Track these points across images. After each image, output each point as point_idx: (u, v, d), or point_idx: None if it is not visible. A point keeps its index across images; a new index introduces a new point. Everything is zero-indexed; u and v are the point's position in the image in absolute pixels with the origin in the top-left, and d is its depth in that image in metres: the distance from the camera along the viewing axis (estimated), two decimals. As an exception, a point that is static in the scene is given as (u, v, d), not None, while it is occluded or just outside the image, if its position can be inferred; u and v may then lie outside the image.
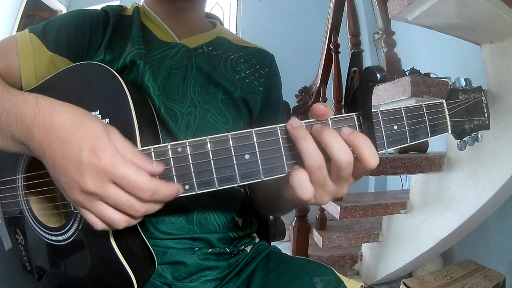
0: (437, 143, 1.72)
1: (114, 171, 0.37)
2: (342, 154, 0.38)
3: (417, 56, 2.39)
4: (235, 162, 0.41)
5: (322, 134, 0.38)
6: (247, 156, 0.41)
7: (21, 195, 0.57)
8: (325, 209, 1.86)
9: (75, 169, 0.37)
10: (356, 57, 0.42)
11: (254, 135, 0.41)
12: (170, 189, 0.40)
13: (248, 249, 0.71)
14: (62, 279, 0.55)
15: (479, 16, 1.13)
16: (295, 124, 0.40)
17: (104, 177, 0.37)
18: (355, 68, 0.42)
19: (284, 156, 0.41)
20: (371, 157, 0.38)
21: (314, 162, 0.38)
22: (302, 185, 0.39)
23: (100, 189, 0.37)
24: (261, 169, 0.41)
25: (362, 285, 0.61)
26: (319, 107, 0.41)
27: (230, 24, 3.65)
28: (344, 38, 1.82)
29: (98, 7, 0.68)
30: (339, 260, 2.06)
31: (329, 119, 0.42)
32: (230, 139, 0.41)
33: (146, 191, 0.38)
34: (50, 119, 0.40)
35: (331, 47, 1.85)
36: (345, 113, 0.43)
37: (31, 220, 0.57)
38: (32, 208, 0.57)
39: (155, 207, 0.41)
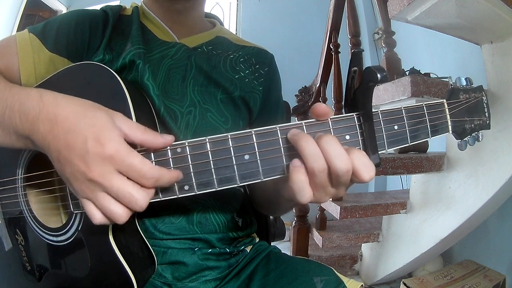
0: (437, 143, 1.72)
1: (121, 160, 0.37)
2: (340, 162, 0.37)
3: (417, 56, 2.39)
4: (234, 163, 0.41)
5: (320, 140, 0.38)
6: (246, 157, 0.40)
7: (21, 196, 0.57)
8: (325, 209, 1.86)
9: (80, 158, 0.38)
10: (357, 57, 0.42)
11: (253, 135, 0.41)
12: (171, 175, 0.40)
13: (248, 249, 0.70)
14: (62, 279, 0.55)
15: (479, 16, 1.13)
16: (295, 131, 0.40)
17: (109, 166, 0.37)
18: (355, 68, 0.42)
19: (284, 156, 0.41)
20: (365, 173, 0.38)
21: (319, 165, 0.38)
22: (302, 190, 0.39)
23: (104, 179, 0.37)
24: (260, 170, 0.41)
25: (362, 285, 0.61)
26: (320, 106, 0.41)
27: (230, 24, 3.65)
28: (344, 38, 1.82)
29: (98, 7, 0.68)
30: (339, 260, 2.06)
31: (329, 119, 0.42)
32: (229, 139, 0.41)
33: (151, 178, 0.38)
34: (54, 112, 0.40)
35: (331, 47, 1.85)
36: (345, 113, 0.43)
37: (31, 221, 0.57)
38: (32, 208, 0.56)
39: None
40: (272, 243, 0.84)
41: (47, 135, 0.40)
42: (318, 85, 1.95)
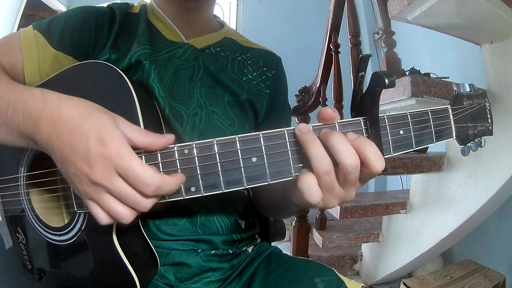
0: (437, 143, 1.72)
1: (120, 162, 0.37)
2: (349, 158, 0.38)
3: (417, 56, 2.39)
4: (242, 165, 0.41)
5: (329, 138, 0.39)
6: (254, 159, 0.40)
7: (23, 194, 0.57)
8: (325, 209, 1.86)
9: (83, 159, 0.38)
10: (364, 62, 0.42)
11: (261, 138, 0.41)
12: (173, 182, 0.39)
13: (250, 249, 0.71)
14: (63, 279, 0.55)
15: (479, 16, 1.13)
16: (304, 129, 0.40)
17: (110, 167, 0.37)
18: (362, 73, 0.42)
19: (291, 159, 0.41)
20: (378, 162, 0.38)
21: (322, 167, 0.38)
22: (311, 189, 0.39)
23: (107, 180, 0.37)
24: (268, 173, 0.41)
25: (362, 286, 0.61)
26: (326, 110, 0.41)
27: (230, 24, 3.64)
28: (344, 38, 1.82)
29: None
30: (339, 260, 2.06)
31: (336, 123, 0.42)
32: (237, 141, 0.41)
33: (150, 186, 0.38)
34: (57, 112, 0.40)
35: (331, 47, 1.84)
36: (352, 117, 0.43)
37: (32, 219, 0.57)
38: (34, 207, 0.56)
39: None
40: (272, 243, 0.84)
41: (50, 135, 0.40)
42: (318, 85, 1.94)
